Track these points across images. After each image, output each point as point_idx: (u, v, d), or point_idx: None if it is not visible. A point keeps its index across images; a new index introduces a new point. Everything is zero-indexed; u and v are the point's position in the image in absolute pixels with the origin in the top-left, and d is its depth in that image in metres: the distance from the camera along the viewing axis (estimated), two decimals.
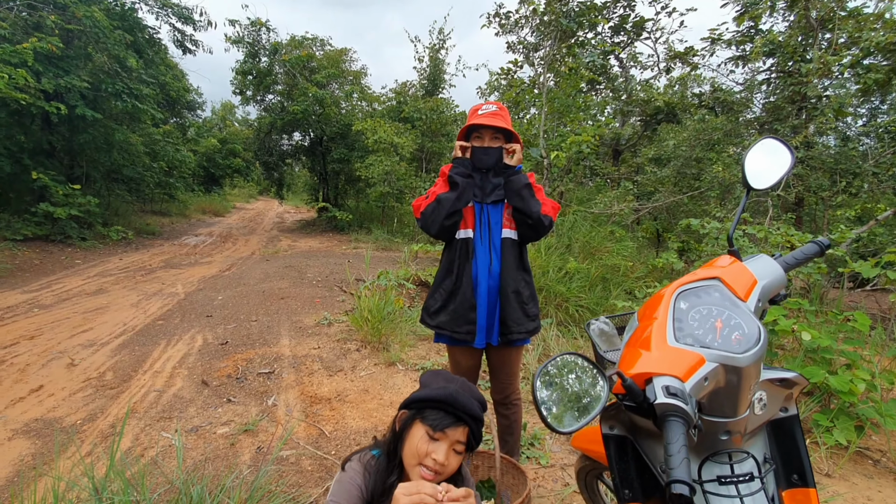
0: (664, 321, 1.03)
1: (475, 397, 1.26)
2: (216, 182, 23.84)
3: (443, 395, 1.22)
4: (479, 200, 2.05)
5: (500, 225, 2.05)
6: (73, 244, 9.26)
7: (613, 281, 5.50)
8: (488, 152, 1.99)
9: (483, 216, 2.04)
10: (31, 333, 4.48)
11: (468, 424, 1.22)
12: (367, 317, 4.13)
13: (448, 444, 1.20)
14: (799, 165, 6.59)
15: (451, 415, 1.20)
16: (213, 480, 2.08)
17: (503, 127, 1.94)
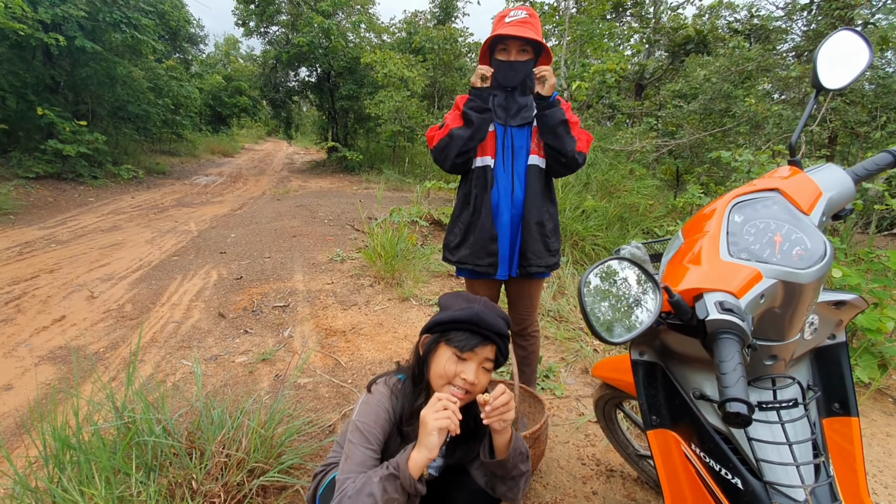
0: (717, 234, 0.92)
1: (499, 315, 1.21)
2: (223, 122, 23.40)
3: (468, 315, 1.17)
4: (502, 122, 1.88)
5: (525, 150, 1.90)
6: (85, 182, 9.25)
7: (631, 220, 5.34)
8: (515, 67, 1.80)
9: (507, 140, 1.88)
10: (50, 267, 4.54)
11: (495, 342, 1.18)
12: (381, 252, 4.09)
13: (477, 363, 1.17)
14: (837, 98, 6.14)
15: (477, 334, 1.17)
16: (233, 404, 2.12)
17: (533, 38, 1.72)
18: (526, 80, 1.83)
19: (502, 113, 1.87)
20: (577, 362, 2.85)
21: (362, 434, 1.13)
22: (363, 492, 1.01)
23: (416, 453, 1.05)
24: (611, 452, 2.06)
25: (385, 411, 1.18)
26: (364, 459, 1.10)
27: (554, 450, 2.05)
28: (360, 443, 1.12)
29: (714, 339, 0.78)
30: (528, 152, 1.89)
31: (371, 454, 1.11)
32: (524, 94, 1.86)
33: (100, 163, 10.03)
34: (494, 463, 1.16)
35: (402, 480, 1.02)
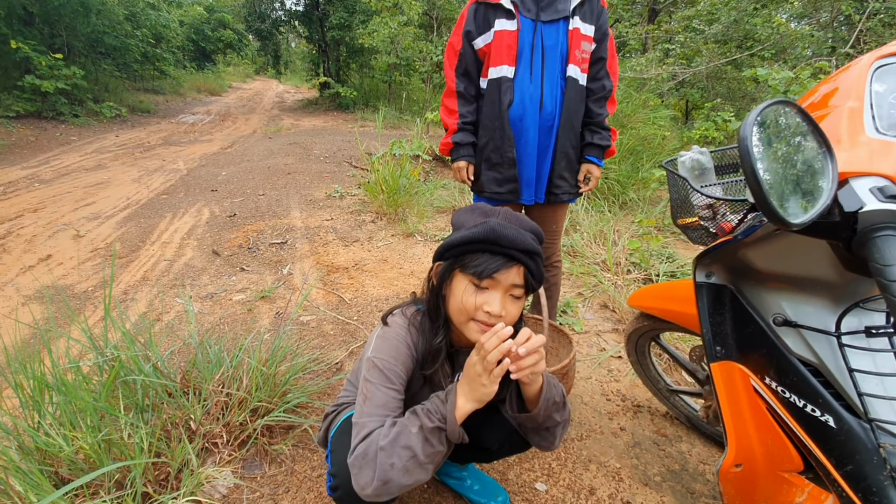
0: (859, 107, 0.69)
1: (525, 227, 0.95)
2: (208, 58, 22.09)
3: (482, 232, 0.91)
4: (532, 17, 1.57)
5: (559, 53, 1.59)
6: (66, 121, 8.76)
7: (645, 153, 5.04)
8: None
9: (536, 40, 1.58)
10: (34, 207, 4.29)
11: (522, 261, 0.92)
12: (383, 187, 3.83)
13: (502, 291, 0.93)
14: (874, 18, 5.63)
15: (498, 255, 0.92)
16: (232, 342, 1.97)
17: None
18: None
19: (531, 3, 1.56)
20: (594, 297, 2.70)
21: (381, 372, 0.95)
22: (399, 443, 0.85)
23: (463, 402, 0.89)
24: (636, 388, 1.95)
25: (406, 346, 1.00)
26: (386, 401, 0.93)
27: (577, 386, 1.93)
28: (379, 382, 0.94)
29: (869, 239, 0.58)
30: (563, 57, 1.60)
31: (394, 395, 0.94)
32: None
33: (80, 101, 9.48)
34: (524, 416, 0.98)
35: (450, 433, 0.87)
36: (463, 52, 1.67)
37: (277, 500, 1.36)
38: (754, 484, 1.04)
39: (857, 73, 0.74)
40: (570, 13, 1.57)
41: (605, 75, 1.67)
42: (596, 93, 1.67)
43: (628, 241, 3.13)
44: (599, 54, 1.65)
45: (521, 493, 1.42)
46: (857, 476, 0.82)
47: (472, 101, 1.72)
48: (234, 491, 1.38)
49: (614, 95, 1.72)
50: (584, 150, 1.72)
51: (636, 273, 2.89)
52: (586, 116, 1.69)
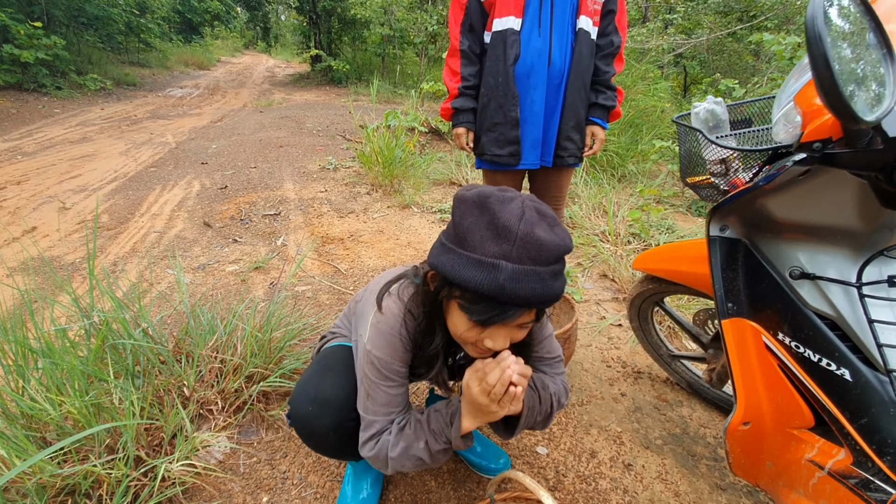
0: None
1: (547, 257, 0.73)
2: (195, 31, 21.41)
3: (489, 287, 0.72)
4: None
5: (571, 7, 1.50)
6: (49, 93, 8.48)
7: (645, 126, 4.96)
8: None
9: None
10: (17, 179, 4.16)
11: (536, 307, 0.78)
12: (377, 158, 3.74)
13: (506, 331, 0.81)
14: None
15: (504, 305, 0.75)
16: (225, 310, 1.92)
17: None
18: None
19: None
20: (593, 267, 2.67)
21: (380, 371, 0.90)
22: (407, 454, 0.89)
23: (468, 423, 0.88)
24: (636, 355, 1.93)
25: (400, 341, 0.90)
26: (389, 400, 0.92)
27: (577, 353, 1.91)
28: (379, 381, 0.90)
29: None
30: (573, 8, 1.51)
31: (395, 391, 0.92)
32: None
33: (63, 72, 9.17)
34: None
35: (456, 448, 0.89)
36: (469, 4, 1.58)
37: (275, 465, 1.34)
38: (761, 442, 1.02)
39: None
40: None
41: (613, 30, 1.59)
42: (604, 49, 1.60)
43: (628, 212, 3.09)
44: (610, 7, 1.57)
45: (522, 456, 1.41)
46: (873, 429, 0.80)
47: (475, 62, 1.64)
48: (231, 456, 1.35)
49: (622, 53, 1.64)
50: (589, 110, 1.65)
51: (636, 244, 2.86)
52: (592, 74, 1.62)
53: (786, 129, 0.75)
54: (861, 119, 0.52)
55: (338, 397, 0.97)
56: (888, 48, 0.56)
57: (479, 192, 0.77)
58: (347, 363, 1.04)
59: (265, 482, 1.29)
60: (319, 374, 1.02)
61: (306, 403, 0.97)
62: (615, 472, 1.37)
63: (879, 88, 0.54)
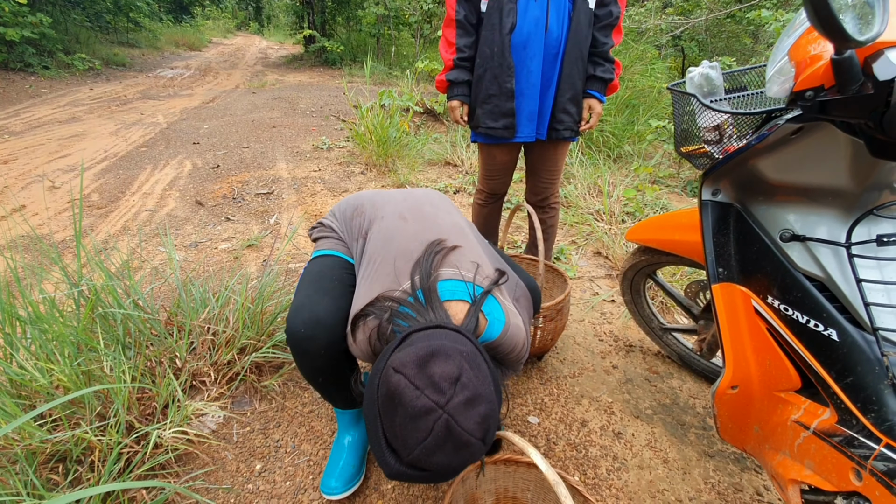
0: None
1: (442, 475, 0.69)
2: (186, 11, 20.95)
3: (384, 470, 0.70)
4: None
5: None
6: (36, 73, 8.31)
7: (642, 107, 4.92)
8: None
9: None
10: (4, 158, 4.09)
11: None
12: (372, 137, 3.70)
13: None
14: None
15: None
16: (218, 284, 1.91)
17: None
18: None
19: None
20: (587, 245, 2.67)
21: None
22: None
23: None
24: (629, 329, 1.94)
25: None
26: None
27: (570, 327, 1.92)
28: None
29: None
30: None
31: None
32: None
33: (50, 52, 8.96)
34: None
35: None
36: None
37: (269, 434, 1.35)
38: (748, 405, 1.03)
39: None
40: None
41: (612, 0, 1.57)
42: (602, 19, 1.57)
43: (623, 191, 3.08)
44: None
45: (513, 425, 1.42)
46: (858, 387, 0.80)
47: (471, 33, 1.61)
48: (224, 426, 1.36)
49: (621, 24, 1.61)
50: (587, 83, 1.63)
51: (630, 222, 2.86)
52: (590, 45, 1.59)
53: (780, 82, 0.75)
54: (853, 38, 0.52)
55: (332, 318, 0.99)
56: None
57: (393, 392, 0.68)
58: (341, 280, 1.06)
59: (258, 450, 1.30)
60: (314, 295, 1.03)
61: (300, 326, 0.98)
62: (605, 441, 1.39)
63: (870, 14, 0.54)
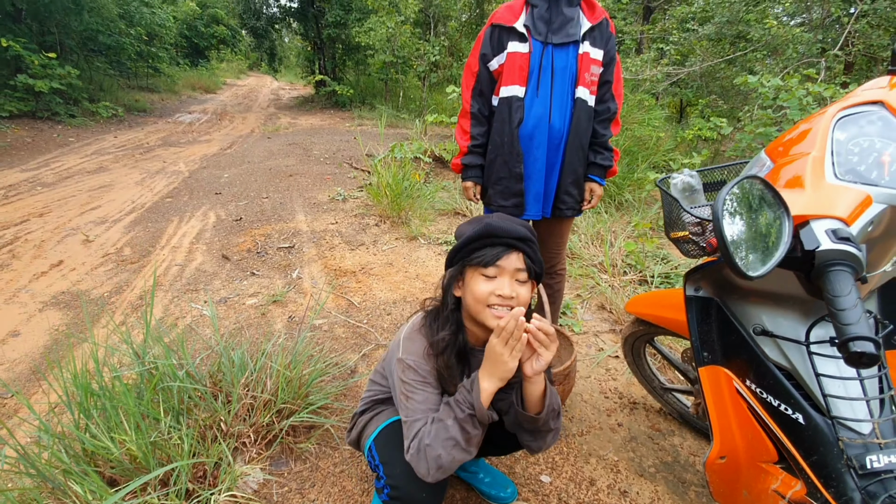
0: (821, 155, 0.81)
1: (515, 221, 1.09)
2: (201, 54, 21.95)
3: (480, 229, 1.06)
4: (541, 39, 1.65)
5: (569, 75, 1.68)
6: (63, 121, 8.76)
7: (641, 154, 5.17)
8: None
9: (545, 61, 1.67)
10: (39, 211, 4.35)
11: (519, 248, 1.06)
12: (386, 191, 3.94)
13: (508, 276, 1.06)
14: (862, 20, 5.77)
15: (497, 246, 1.05)
16: (252, 346, 2.08)
17: None
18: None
19: (542, 27, 1.65)
20: (592, 298, 2.83)
21: (416, 371, 1.08)
22: (440, 437, 0.98)
23: (486, 384, 0.99)
24: (632, 386, 2.08)
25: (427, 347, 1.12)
26: (426, 398, 1.07)
27: (577, 385, 2.06)
28: (416, 382, 1.08)
29: (823, 272, 0.70)
30: (572, 78, 1.69)
31: (431, 391, 1.08)
32: (570, 3, 1.64)
33: (75, 100, 9.47)
34: (527, 417, 1.07)
35: (480, 417, 0.99)
36: (479, 73, 1.77)
37: (305, 494, 1.48)
38: (737, 473, 1.17)
39: (823, 122, 0.86)
40: (580, 38, 1.66)
41: (610, 98, 1.78)
42: (601, 114, 1.78)
43: (624, 243, 3.26)
44: (606, 77, 1.75)
45: (527, 484, 1.55)
46: (821, 465, 0.95)
47: (484, 123, 1.82)
48: (265, 486, 1.50)
49: (618, 117, 1.82)
50: (588, 169, 1.83)
51: (632, 274, 3.03)
52: (592, 136, 1.80)
53: None
54: (749, 276, 0.71)
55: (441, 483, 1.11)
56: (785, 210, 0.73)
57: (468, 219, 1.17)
58: None
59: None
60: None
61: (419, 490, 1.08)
62: (612, 499, 1.51)
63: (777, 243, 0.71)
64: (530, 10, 1.65)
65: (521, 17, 1.66)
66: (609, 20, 1.72)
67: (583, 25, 1.66)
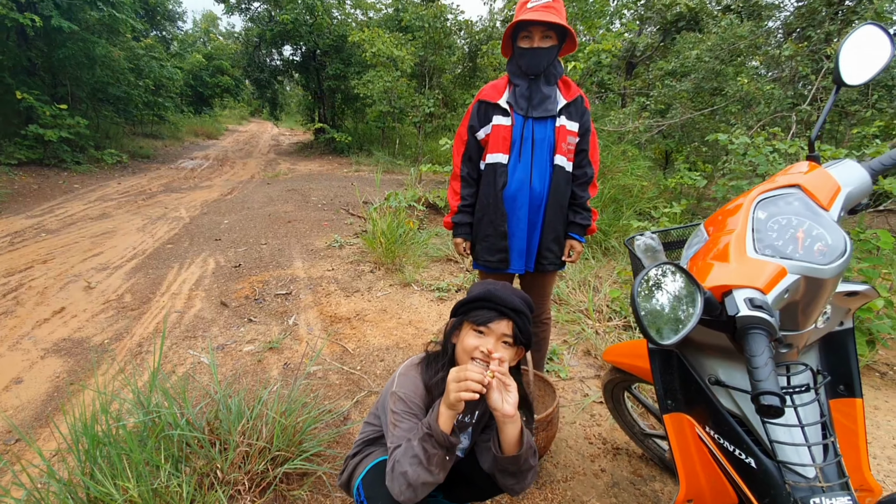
0: (743, 232, 0.96)
1: (515, 294, 1.25)
2: (206, 102, 22.79)
3: (482, 292, 1.24)
4: (522, 113, 1.85)
5: (547, 144, 1.87)
6: (69, 168, 9.02)
7: (626, 202, 5.40)
8: (538, 54, 1.78)
9: (526, 132, 1.87)
10: (42, 258, 4.47)
11: (510, 317, 1.21)
12: (381, 239, 4.09)
13: (495, 337, 1.20)
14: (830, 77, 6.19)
15: (492, 310, 1.21)
16: (248, 393, 2.15)
17: (557, 23, 1.70)
18: (550, 67, 1.82)
19: (524, 103, 1.85)
20: (578, 344, 2.92)
21: (406, 403, 1.21)
22: (408, 454, 1.10)
23: (442, 408, 1.12)
24: (615, 431, 2.15)
25: (423, 383, 1.25)
26: (411, 427, 1.17)
27: (562, 430, 2.13)
28: (404, 412, 1.20)
29: (744, 335, 0.83)
30: (550, 148, 1.87)
31: (416, 422, 1.18)
32: (548, 83, 1.84)
33: (82, 147, 9.79)
34: (508, 459, 1.16)
35: (436, 437, 1.10)
36: (468, 142, 1.97)
37: None
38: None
39: (746, 203, 1.02)
40: (556, 113, 1.86)
41: (587, 164, 1.96)
42: (579, 178, 1.96)
43: (609, 290, 3.39)
44: (582, 146, 1.94)
45: None
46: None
47: (472, 185, 2.00)
48: None
49: (595, 181, 2.00)
50: (568, 227, 1.99)
51: (617, 320, 3.14)
52: (571, 198, 1.97)
53: None
54: (662, 344, 0.84)
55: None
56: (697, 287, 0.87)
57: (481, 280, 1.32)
58: None
59: None
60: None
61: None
62: None
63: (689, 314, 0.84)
64: (513, 89, 1.86)
65: (505, 95, 1.87)
66: (583, 97, 1.93)
67: (559, 102, 1.86)
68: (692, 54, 6.82)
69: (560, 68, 1.86)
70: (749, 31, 7.17)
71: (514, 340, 1.23)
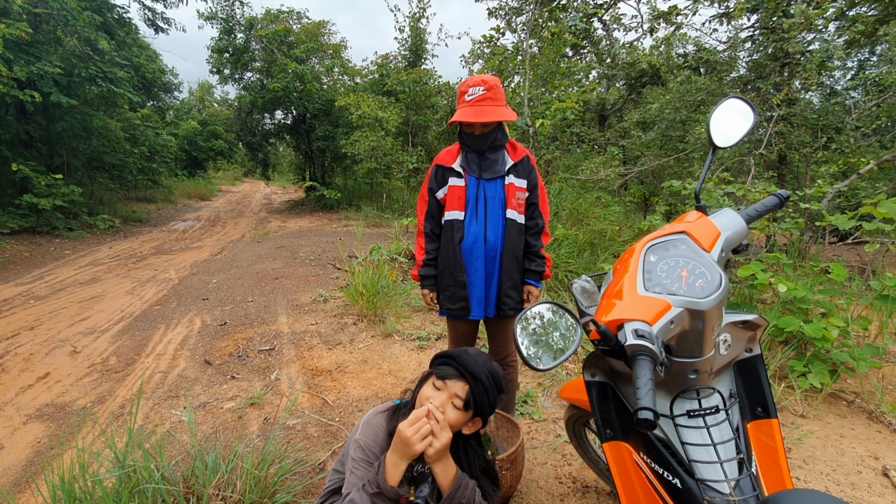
0: (635, 273, 1.13)
1: (486, 365, 1.32)
2: (199, 165, 23.47)
3: (455, 351, 1.34)
4: (475, 175, 2.06)
5: (499, 201, 2.07)
6: (61, 235, 9.19)
7: (601, 246, 5.62)
8: (480, 139, 2.00)
9: (479, 192, 2.07)
10: (30, 324, 4.52)
11: (467, 381, 1.29)
12: (363, 291, 4.23)
13: (447, 395, 1.28)
14: (781, 123, 6.66)
15: (455, 369, 1.30)
16: (226, 448, 2.20)
17: (490, 122, 1.92)
18: (494, 141, 2.03)
19: (475, 167, 2.07)
20: (553, 387, 3.00)
21: (364, 452, 1.28)
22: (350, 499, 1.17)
23: (388, 459, 1.20)
24: (585, 470, 2.21)
25: (384, 431, 1.33)
26: (364, 475, 1.24)
27: (533, 471, 2.18)
28: (361, 460, 1.27)
29: (633, 360, 0.97)
30: (501, 203, 2.07)
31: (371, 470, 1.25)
32: (494, 151, 2.07)
33: (75, 214, 10.00)
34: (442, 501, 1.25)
35: (386, 493, 1.18)
36: (429, 201, 2.17)
37: None
38: None
39: (639, 248, 1.19)
40: (505, 172, 2.08)
41: (538, 215, 2.16)
42: (531, 229, 2.15)
43: None
44: (532, 200, 2.15)
45: None
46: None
47: (435, 240, 2.19)
48: None
49: (547, 230, 2.19)
50: (525, 274, 2.16)
51: None
52: (525, 247, 2.15)
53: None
54: (539, 370, 0.99)
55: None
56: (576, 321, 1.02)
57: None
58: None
59: None
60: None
61: None
62: None
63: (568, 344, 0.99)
64: (465, 154, 2.08)
65: (458, 160, 2.09)
66: (530, 156, 2.16)
67: (507, 163, 2.08)
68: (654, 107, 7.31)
69: (504, 138, 2.08)
70: (707, 84, 7.75)
71: (464, 405, 1.29)
